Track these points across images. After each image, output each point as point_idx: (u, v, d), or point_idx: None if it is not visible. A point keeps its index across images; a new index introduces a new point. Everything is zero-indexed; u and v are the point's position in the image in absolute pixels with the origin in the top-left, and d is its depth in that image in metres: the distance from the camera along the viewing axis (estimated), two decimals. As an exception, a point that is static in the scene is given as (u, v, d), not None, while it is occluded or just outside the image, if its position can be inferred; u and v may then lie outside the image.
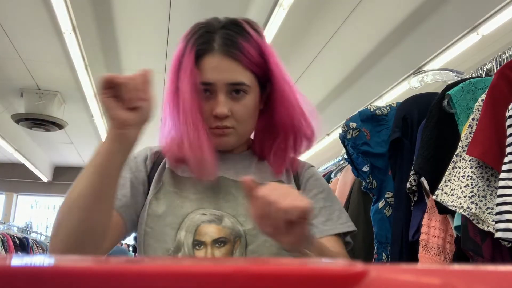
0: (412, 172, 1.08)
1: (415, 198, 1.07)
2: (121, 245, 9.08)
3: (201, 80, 0.83)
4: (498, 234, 0.68)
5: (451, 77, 1.37)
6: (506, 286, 0.25)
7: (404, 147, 1.13)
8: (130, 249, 9.48)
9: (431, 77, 1.46)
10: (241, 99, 0.85)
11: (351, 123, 1.18)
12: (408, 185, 1.05)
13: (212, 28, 0.85)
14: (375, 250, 1.33)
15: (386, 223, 1.28)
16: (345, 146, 1.19)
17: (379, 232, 1.30)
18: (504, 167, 0.71)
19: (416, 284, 0.26)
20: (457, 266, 0.28)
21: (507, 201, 0.68)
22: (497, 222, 0.69)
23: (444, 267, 0.27)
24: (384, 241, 1.27)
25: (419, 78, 1.52)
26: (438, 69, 1.51)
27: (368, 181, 1.23)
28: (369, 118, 1.21)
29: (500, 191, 0.70)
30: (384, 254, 1.28)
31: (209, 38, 0.84)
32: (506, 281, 0.26)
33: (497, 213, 0.68)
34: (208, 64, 0.83)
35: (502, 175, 0.71)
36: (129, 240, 10.17)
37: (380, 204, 1.26)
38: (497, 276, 0.26)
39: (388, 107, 1.28)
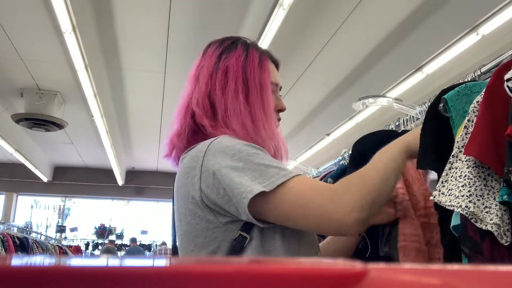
0: None
1: None
2: (138, 245, 9.07)
3: (273, 81, 1.00)
4: None
5: (390, 103, 1.47)
6: (506, 286, 0.25)
7: None
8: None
9: (372, 100, 1.58)
10: None
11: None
12: None
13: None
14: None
15: None
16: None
17: None
18: None
19: (416, 284, 0.26)
20: (457, 266, 0.27)
21: None
22: None
23: (444, 267, 0.27)
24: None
25: (362, 102, 1.65)
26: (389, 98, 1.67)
27: None
28: None
29: None
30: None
31: (262, 50, 1.02)
32: (506, 281, 0.26)
33: None
34: (272, 69, 1.00)
35: None
36: (145, 240, 10.18)
37: None
38: (497, 276, 0.26)
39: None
